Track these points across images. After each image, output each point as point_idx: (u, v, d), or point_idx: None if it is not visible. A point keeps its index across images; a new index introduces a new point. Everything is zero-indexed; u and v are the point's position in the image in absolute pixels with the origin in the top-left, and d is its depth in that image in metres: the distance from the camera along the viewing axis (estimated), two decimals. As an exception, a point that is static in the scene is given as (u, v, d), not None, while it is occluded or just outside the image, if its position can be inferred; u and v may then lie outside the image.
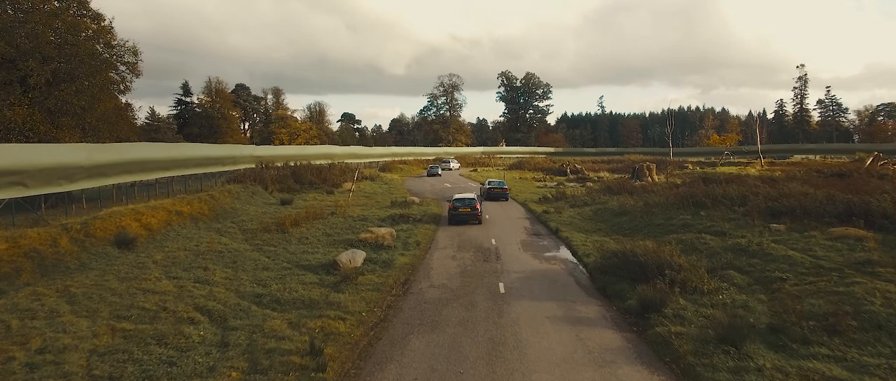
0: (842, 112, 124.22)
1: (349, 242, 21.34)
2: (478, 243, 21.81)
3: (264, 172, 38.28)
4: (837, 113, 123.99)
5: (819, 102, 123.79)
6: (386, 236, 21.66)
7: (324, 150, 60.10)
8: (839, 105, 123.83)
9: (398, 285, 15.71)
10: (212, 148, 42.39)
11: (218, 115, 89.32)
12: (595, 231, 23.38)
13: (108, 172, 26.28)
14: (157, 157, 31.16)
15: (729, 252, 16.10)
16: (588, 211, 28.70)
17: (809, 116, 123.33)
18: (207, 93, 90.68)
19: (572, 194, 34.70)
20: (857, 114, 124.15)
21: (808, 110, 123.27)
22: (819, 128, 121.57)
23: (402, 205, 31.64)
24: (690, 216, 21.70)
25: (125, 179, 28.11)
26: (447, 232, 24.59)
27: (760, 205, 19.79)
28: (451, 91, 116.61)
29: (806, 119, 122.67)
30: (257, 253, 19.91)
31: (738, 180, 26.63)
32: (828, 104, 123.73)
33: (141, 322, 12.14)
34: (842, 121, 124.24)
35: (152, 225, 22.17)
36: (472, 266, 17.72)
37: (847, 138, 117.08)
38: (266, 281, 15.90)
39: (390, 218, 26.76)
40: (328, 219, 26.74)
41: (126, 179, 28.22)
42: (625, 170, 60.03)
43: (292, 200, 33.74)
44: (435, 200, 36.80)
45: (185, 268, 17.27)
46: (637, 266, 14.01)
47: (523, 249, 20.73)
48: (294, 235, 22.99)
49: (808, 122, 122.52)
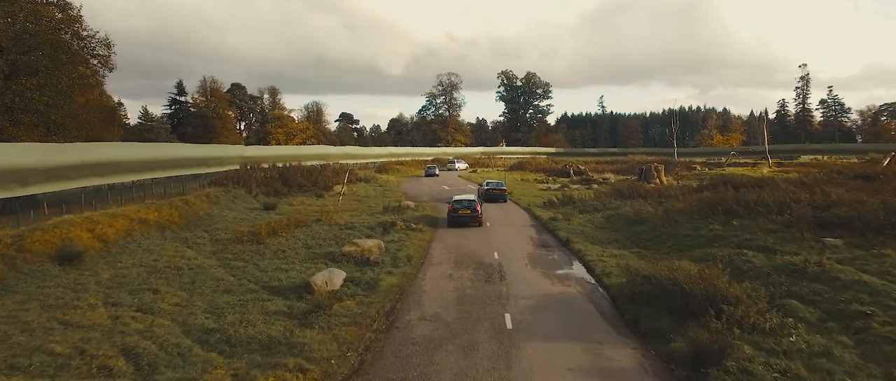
0: (844, 112, 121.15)
1: (331, 256, 18.35)
2: (478, 257, 18.80)
3: (249, 175, 35.23)
4: (840, 113, 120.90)
5: (821, 101, 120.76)
6: (373, 249, 18.67)
7: (317, 150, 57.11)
8: (841, 105, 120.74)
9: (381, 316, 12.70)
10: (195, 148, 39.38)
11: (213, 114, 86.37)
12: (611, 242, 20.37)
13: (70, 175, 23.32)
14: (129, 158, 28.16)
15: (781, 274, 13.10)
16: (599, 218, 25.71)
17: (812, 116, 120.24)
18: (202, 92, 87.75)
19: (580, 197, 31.70)
20: (859, 114, 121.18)
21: (810, 110, 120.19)
22: (821, 128, 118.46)
23: (394, 211, 28.63)
24: (721, 226, 18.70)
25: (92, 182, 25.12)
26: (444, 243, 21.58)
27: (806, 214, 16.74)
28: (450, 90, 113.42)
29: (808, 119, 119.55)
30: (223, 270, 16.93)
31: (771, 184, 23.55)
32: (830, 104, 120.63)
33: (39, 376, 9.15)
34: (844, 121, 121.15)
35: (108, 236, 19.15)
36: (471, 289, 14.72)
37: (849, 139, 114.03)
38: (222, 310, 12.93)
39: (381, 226, 23.77)
40: (312, 227, 23.75)
41: (93, 183, 25.22)
42: (629, 171, 57.04)
43: (277, 204, 30.72)
44: (432, 204, 33.80)
45: (132, 291, 14.29)
46: (679, 297, 11.01)
47: (531, 265, 17.72)
48: (270, 246, 20.00)
49: (811, 122, 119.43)
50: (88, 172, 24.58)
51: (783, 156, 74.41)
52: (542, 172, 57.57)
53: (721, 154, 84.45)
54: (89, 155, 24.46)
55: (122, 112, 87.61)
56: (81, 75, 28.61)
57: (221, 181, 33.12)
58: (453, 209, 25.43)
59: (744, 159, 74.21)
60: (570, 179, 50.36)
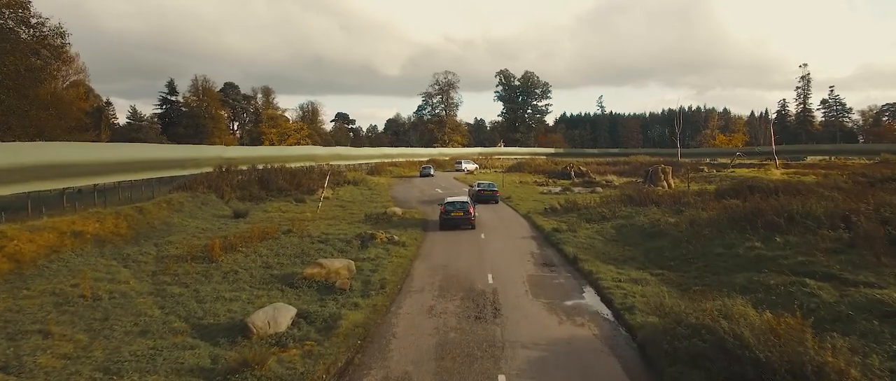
0: (846, 112, 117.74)
1: (289, 280, 14.87)
2: (469, 280, 15.28)
3: (222, 178, 31.69)
4: (841, 113, 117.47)
5: (823, 101, 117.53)
6: (341, 271, 15.16)
7: (305, 151, 53.55)
8: (843, 105, 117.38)
9: (331, 379, 9.19)
10: (167, 149, 35.94)
11: (204, 114, 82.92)
12: (626, 261, 16.85)
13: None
14: (80, 160, 24.58)
15: (871, 317, 9.60)
16: (609, 228, 22.19)
17: (812, 117, 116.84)
18: (194, 92, 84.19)
19: (584, 203, 28.17)
20: (861, 114, 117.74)
21: (811, 110, 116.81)
22: (822, 128, 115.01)
23: (377, 220, 25.09)
24: (762, 244, 15.21)
25: (32, 187, 21.55)
26: (429, 261, 18.05)
27: (875, 230, 13.19)
28: (447, 89, 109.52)
29: (809, 119, 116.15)
30: (152, 300, 13.45)
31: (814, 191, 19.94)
32: (832, 104, 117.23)
33: None
34: (845, 121, 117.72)
35: (24, 254, 15.63)
36: (456, 331, 11.19)
37: (851, 139, 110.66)
38: (122, 365, 9.48)
39: (359, 239, 20.26)
40: (280, 239, 20.25)
41: (31, 188, 21.66)
42: (633, 172, 53.55)
43: (248, 211, 27.25)
44: (421, 209, 30.33)
45: (13, 334, 10.81)
46: (748, 364, 7.49)
47: (532, 291, 14.20)
48: (222, 266, 16.52)
49: (811, 122, 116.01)
50: (32, 175, 21.10)
51: (789, 157, 70.86)
52: (542, 174, 54.02)
53: (724, 155, 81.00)
54: (23, 157, 20.83)
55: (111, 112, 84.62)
56: (30, 67, 25.04)
57: (191, 185, 29.57)
58: (445, 212, 24.00)
59: (749, 160, 70.73)
60: (572, 182, 46.87)
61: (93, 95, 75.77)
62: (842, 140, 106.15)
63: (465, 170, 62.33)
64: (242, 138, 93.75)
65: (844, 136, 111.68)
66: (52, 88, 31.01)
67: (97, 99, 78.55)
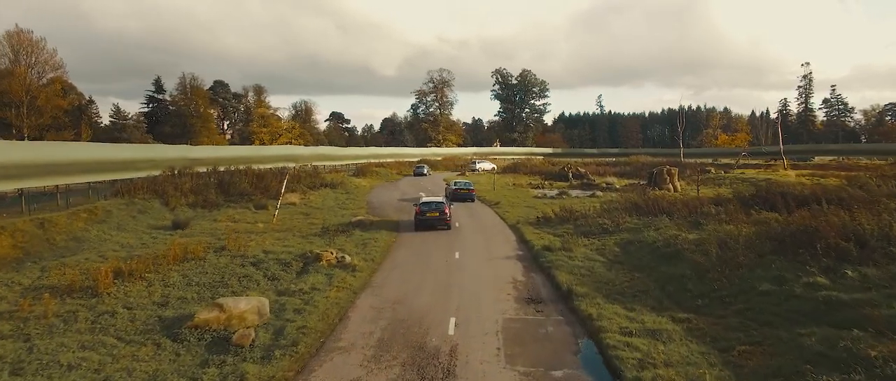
0: (848, 112, 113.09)
1: (173, 329, 10.49)
2: (422, 331, 10.83)
3: (170, 182, 27.30)
4: (843, 113, 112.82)
5: (825, 101, 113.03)
6: (247, 315, 10.77)
7: (285, 151, 49.14)
8: (845, 105, 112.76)
9: None
10: (113, 149, 31.53)
11: (192, 113, 78.53)
12: (637, 297, 12.41)
13: None
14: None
15: None
16: (612, 245, 17.75)
17: (814, 116, 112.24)
18: (181, 90, 79.79)
19: (582, 210, 23.74)
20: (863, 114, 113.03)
21: (812, 110, 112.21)
22: (824, 128, 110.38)
23: (336, 233, 20.66)
24: (825, 277, 10.79)
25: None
26: (378, 296, 13.56)
27: None
28: (441, 87, 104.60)
29: (810, 119, 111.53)
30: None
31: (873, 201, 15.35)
32: (834, 103, 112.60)
33: None
34: (847, 121, 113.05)
35: None
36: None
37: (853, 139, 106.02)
38: None
39: (302, 259, 15.90)
40: (205, 259, 15.85)
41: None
42: (634, 173, 49.12)
43: (191, 221, 22.89)
44: (395, 217, 25.99)
45: None
46: None
47: (507, 353, 9.71)
48: (106, 301, 12.19)
49: (813, 122, 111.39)
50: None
51: (795, 157, 66.24)
52: (538, 176, 49.56)
53: (727, 155, 76.48)
54: None
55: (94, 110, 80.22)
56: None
57: (131, 190, 25.19)
58: (421, 212, 22.97)
59: (754, 161, 66.22)
60: (569, 184, 42.45)
61: (74, 92, 71.60)
62: (844, 140, 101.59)
63: (480, 170, 57.82)
64: (233, 138, 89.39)
65: (847, 136, 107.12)
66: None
67: (80, 97, 74.35)
